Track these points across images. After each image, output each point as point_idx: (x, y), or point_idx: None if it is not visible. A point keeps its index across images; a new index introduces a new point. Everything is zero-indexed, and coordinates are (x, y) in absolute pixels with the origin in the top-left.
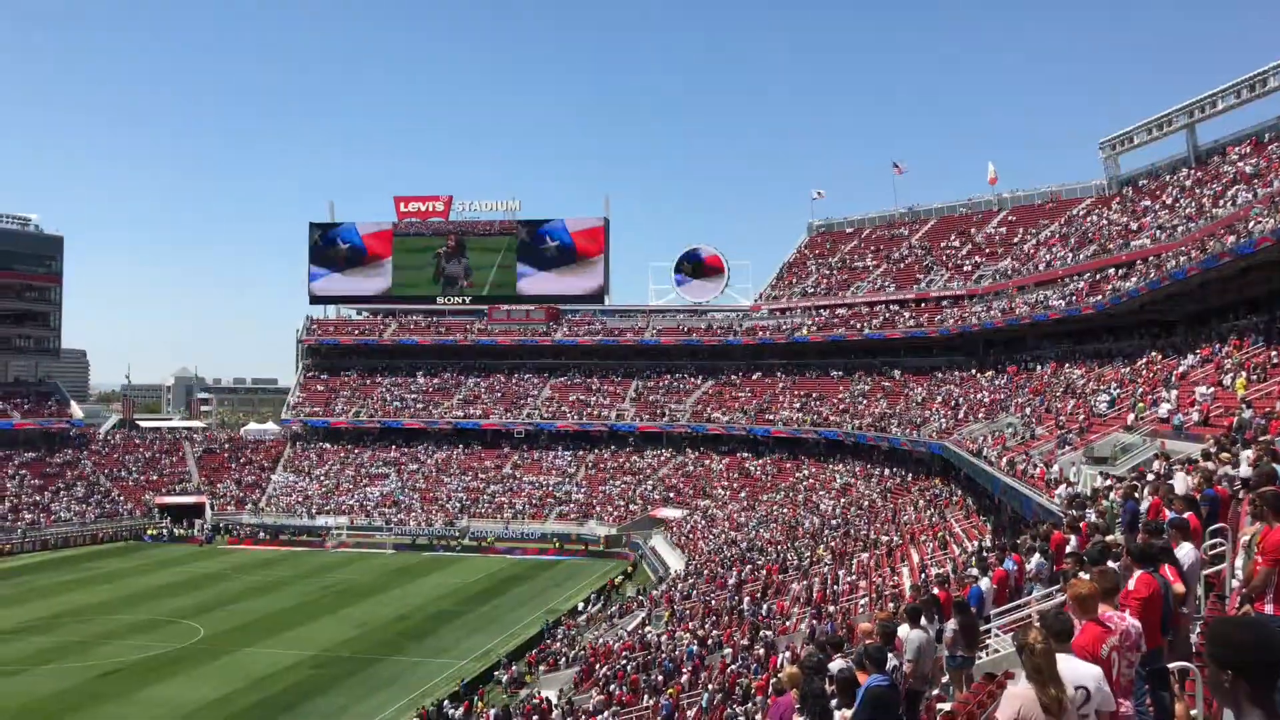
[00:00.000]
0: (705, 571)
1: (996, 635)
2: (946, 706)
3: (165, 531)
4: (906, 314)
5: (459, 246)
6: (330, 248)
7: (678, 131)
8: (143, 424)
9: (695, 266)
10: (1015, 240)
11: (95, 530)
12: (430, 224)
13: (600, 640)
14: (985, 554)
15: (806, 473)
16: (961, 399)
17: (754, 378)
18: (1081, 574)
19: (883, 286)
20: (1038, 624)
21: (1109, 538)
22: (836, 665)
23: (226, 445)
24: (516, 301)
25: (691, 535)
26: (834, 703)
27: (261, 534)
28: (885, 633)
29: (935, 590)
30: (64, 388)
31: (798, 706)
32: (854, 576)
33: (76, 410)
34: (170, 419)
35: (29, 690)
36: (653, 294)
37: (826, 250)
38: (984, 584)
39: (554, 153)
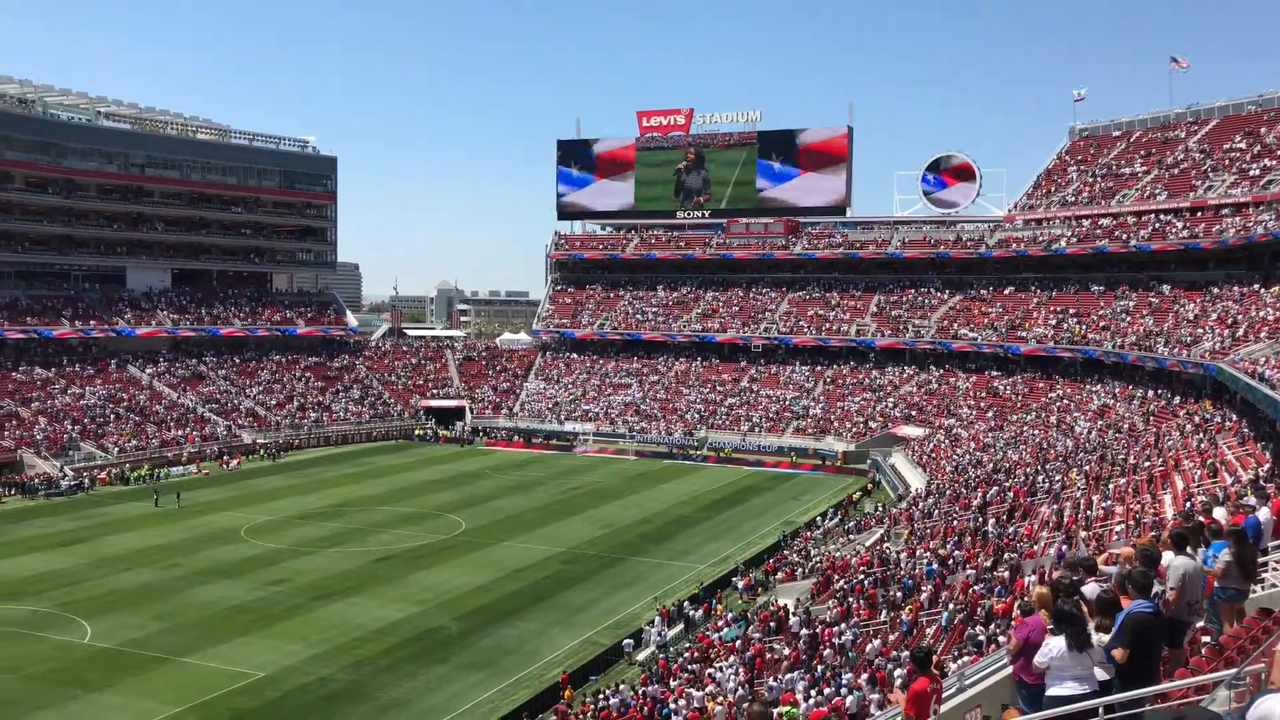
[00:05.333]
0: (948, 491)
1: (1275, 569)
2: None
3: (430, 432)
4: (1179, 223)
5: (698, 159)
6: (577, 164)
7: (925, 32)
8: (409, 333)
9: (944, 174)
10: None
11: (370, 429)
12: (671, 138)
13: (838, 554)
14: (1264, 483)
15: (1060, 393)
16: (1240, 316)
17: (1005, 292)
18: None
19: (1153, 194)
20: None
21: None
22: (1090, 588)
23: (484, 354)
24: (755, 214)
25: (934, 454)
26: (1092, 625)
27: (515, 437)
28: (1146, 557)
29: (1203, 518)
30: (340, 298)
31: (1051, 628)
32: (1109, 502)
33: (351, 319)
34: (433, 328)
35: (320, 568)
36: (897, 204)
37: (1090, 156)
38: (1263, 514)
39: (795, 61)
